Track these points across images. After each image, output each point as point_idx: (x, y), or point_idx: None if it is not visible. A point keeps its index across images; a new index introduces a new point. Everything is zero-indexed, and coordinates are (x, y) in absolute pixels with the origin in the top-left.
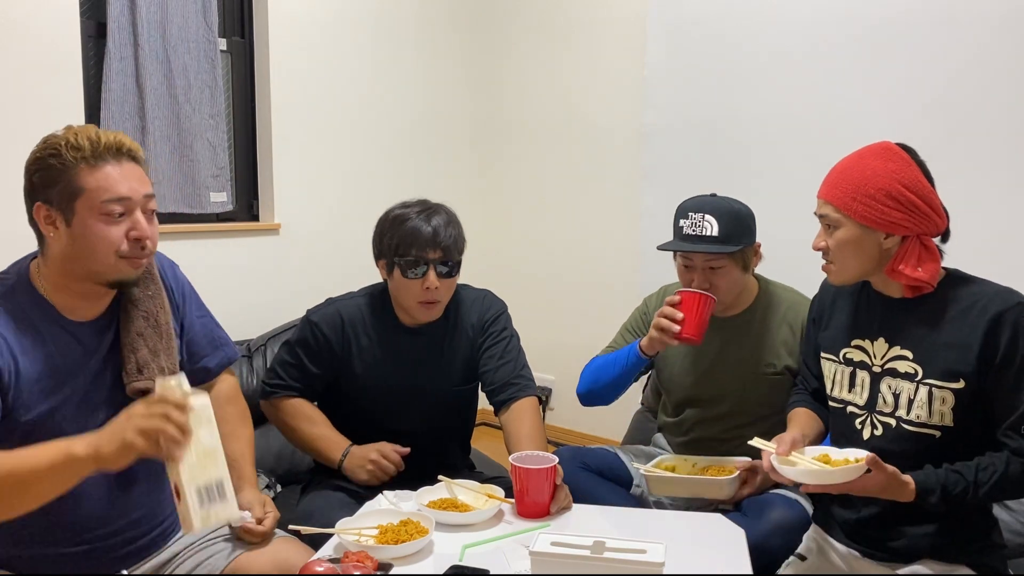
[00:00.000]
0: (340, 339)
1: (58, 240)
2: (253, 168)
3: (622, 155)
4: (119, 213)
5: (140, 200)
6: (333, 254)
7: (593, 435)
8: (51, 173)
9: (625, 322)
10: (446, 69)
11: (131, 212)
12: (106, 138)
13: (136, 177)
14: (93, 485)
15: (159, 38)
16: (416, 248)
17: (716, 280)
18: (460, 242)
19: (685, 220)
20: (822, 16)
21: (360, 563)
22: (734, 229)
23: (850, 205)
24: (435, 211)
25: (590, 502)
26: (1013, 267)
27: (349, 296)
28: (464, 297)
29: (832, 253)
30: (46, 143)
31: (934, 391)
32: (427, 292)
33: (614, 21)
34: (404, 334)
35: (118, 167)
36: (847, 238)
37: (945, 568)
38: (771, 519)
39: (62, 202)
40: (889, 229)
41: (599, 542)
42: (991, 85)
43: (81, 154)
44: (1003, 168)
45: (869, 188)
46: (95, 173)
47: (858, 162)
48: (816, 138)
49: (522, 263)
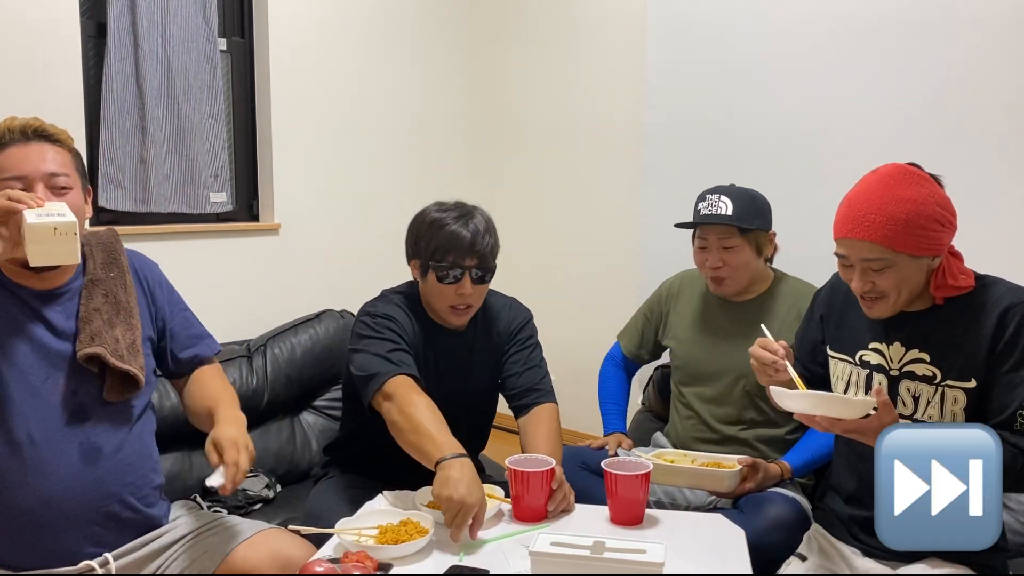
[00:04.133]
0: (409, 329)
1: None
2: (253, 168)
3: (622, 155)
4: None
5: (41, 176)
6: (333, 254)
7: (593, 435)
8: None
9: (642, 306)
10: (446, 69)
11: (31, 190)
12: (19, 122)
13: (39, 156)
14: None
15: (159, 38)
16: (453, 255)
17: (729, 259)
18: (496, 249)
19: (702, 202)
20: (822, 15)
21: (360, 563)
22: (748, 210)
23: (902, 241)
24: (472, 216)
25: (590, 502)
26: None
27: (392, 293)
28: (492, 302)
29: (885, 290)
30: None
31: (946, 391)
32: (460, 297)
33: (614, 20)
34: (439, 334)
35: (24, 147)
36: (905, 274)
37: (946, 568)
38: (769, 516)
39: None
40: (937, 251)
41: (599, 542)
42: (992, 85)
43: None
44: (1004, 168)
45: (919, 219)
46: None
47: (889, 195)
48: (816, 137)
49: (522, 263)
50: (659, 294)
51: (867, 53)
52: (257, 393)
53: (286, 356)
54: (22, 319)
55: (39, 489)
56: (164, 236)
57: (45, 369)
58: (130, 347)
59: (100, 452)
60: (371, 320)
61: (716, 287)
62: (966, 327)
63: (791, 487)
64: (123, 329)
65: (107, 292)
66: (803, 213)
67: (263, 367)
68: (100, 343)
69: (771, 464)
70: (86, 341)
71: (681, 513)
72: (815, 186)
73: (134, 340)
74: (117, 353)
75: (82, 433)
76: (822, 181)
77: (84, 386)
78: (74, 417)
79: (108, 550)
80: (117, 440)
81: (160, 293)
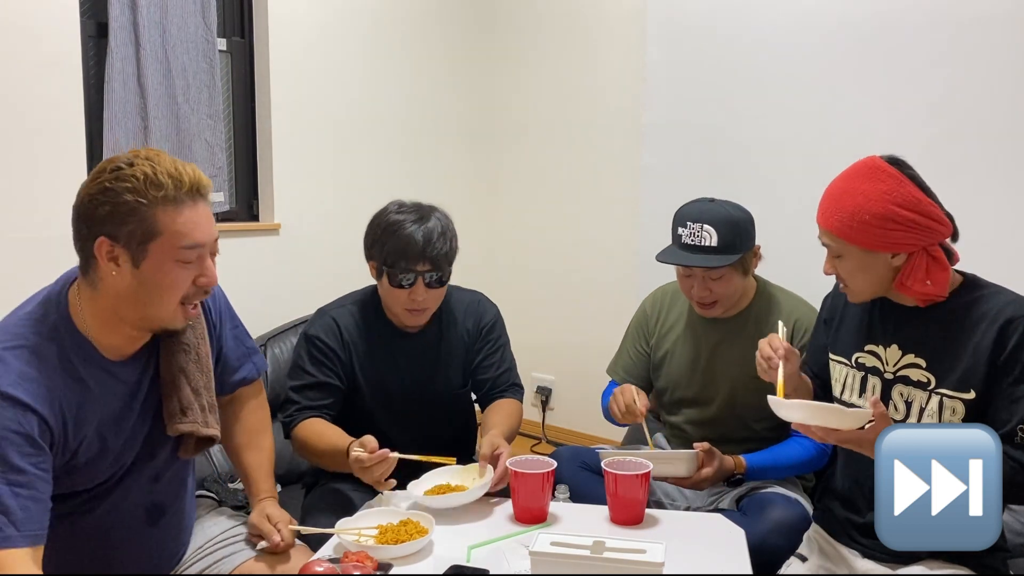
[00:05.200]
0: (342, 345)
1: (119, 279)
2: (252, 168)
3: (621, 155)
4: (191, 260)
5: (211, 244)
6: (333, 254)
7: (593, 435)
8: (124, 209)
9: (627, 330)
10: (445, 69)
11: (202, 257)
12: (187, 176)
13: (209, 219)
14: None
15: (159, 38)
16: (405, 260)
17: (717, 288)
18: (451, 253)
19: (684, 229)
20: (822, 16)
21: (360, 563)
22: (733, 238)
23: (848, 233)
24: (428, 218)
25: (590, 502)
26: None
27: (339, 304)
28: (456, 300)
29: (843, 278)
30: (117, 174)
31: (945, 401)
32: (414, 302)
33: (613, 21)
34: (398, 337)
35: (195, 209)
36: (854, 264)
37: (945, 569)
38: (771, 518)
39: (133, 242)
40: (893, 249)
41: (599, 542)
42: (992, 86)
43: (163, 193)
44: (1004, 168)
45: (863, 215)
46: (174, 215)
47: (847, 187)
48: (816, 138)
49: (521, 263)
50: (639, 319)
51: (867, 53)
52: None
53: (286, 356)
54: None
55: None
56: None
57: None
58: (211, 406)
59: (164, 512)
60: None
61: (704, 311)
62: (966, 336)
63: (793, 487)
64: (206, 393)
65: (188, 346)
66: (803, 212)
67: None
68: (192, 416)
69: (726, 456)
70: (177, 415)
71: (681, 513)
72: (815, 185)
73: (212, 399)
74: (205, 422)
75: (151, 494)
76: (822, 181)
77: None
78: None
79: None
80: (178, 496)
81: (220, 323)
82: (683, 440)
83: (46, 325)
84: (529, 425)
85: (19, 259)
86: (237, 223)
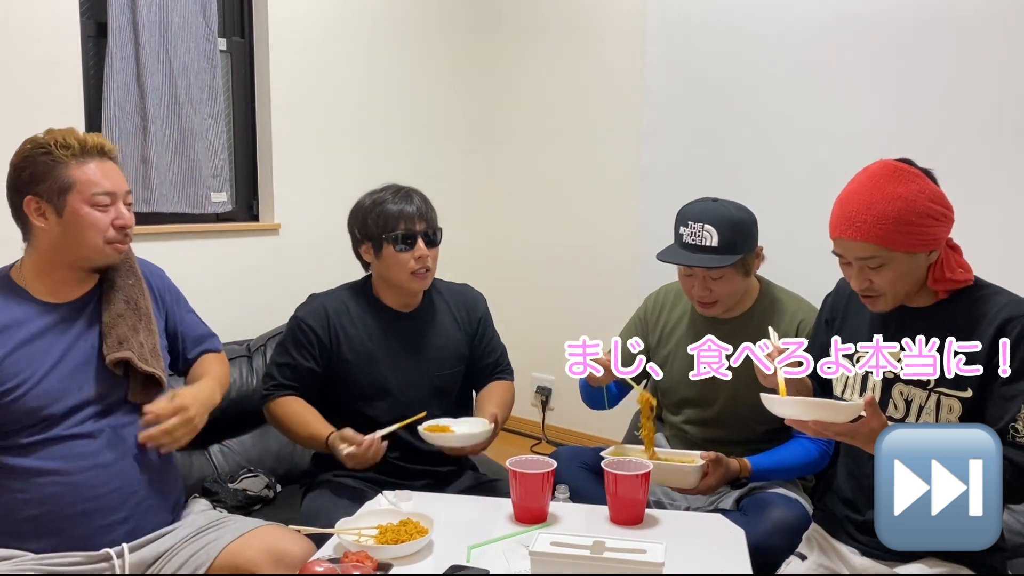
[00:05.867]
0: (327, 330)
1: (48, 231)
2: (253, 168)
3: (622, 155)
4: (106, 204)
5: (122, 194)
6: (333, 254)
7: (593, 435)
8: (42, 168)
9: (627, 324)
10: (446, 69)
11: (115, 203)
12: (91, 140)
13: (117, 173)
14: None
15: (159, 38)
16: (404, 222)
17: (717, 288)
18: (436, 215)
19: (685, 228)
20: (823, 16)
21: (360, 563)
22: (734, 238)
23: (894, 239)
24: (409, 191)
25: (590, 502)
26: (1013, 267)
27: (330, 291)
28: (444, 286)
29: (882, 288)
30: (35, 142)
31: (942, 399)
32: (420, 261)
33: (614, 21)
34: (390, 319)
35: (102, 164)
36: (897, 271)
37: (945, 568)
38: (771, 519)
39: (52, 195)
40: (933, 246)
41: (599, 542)
42: (992, 86)
43: (71, 152)
44: (1004, 168)
45: (909, 216)
46: (83, 168)
47: (879, 195)
48: (817, 138)
49: (522, 263)
50: (639, 315)
51: (866, 52)
52: (257, 393)
53: None
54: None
55: (68, 476)
56: (165, 236)
57: (75, 375)
58: (152, 351)
59: (125, 444)
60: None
61: (704, 310)
62: (964, 334)
63: (793, 487)
64: (145, 334)
65: (128, 299)
66: (804, 212)
67: (263, 367)
68: (128, 347)
69: (731, 460)
70: (114, 346)
71: (681, 513)
72: (815, 185)
73: (155, 344)
74: (143, 357)
75: (109, 429)
76: (823, 181)
77: (111, 389)
78: (102, 415)
79: (130, 538)
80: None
81: (169, 299)
82: (684, 440)
83: None
84: (529, 425)
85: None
86: (237, 223)
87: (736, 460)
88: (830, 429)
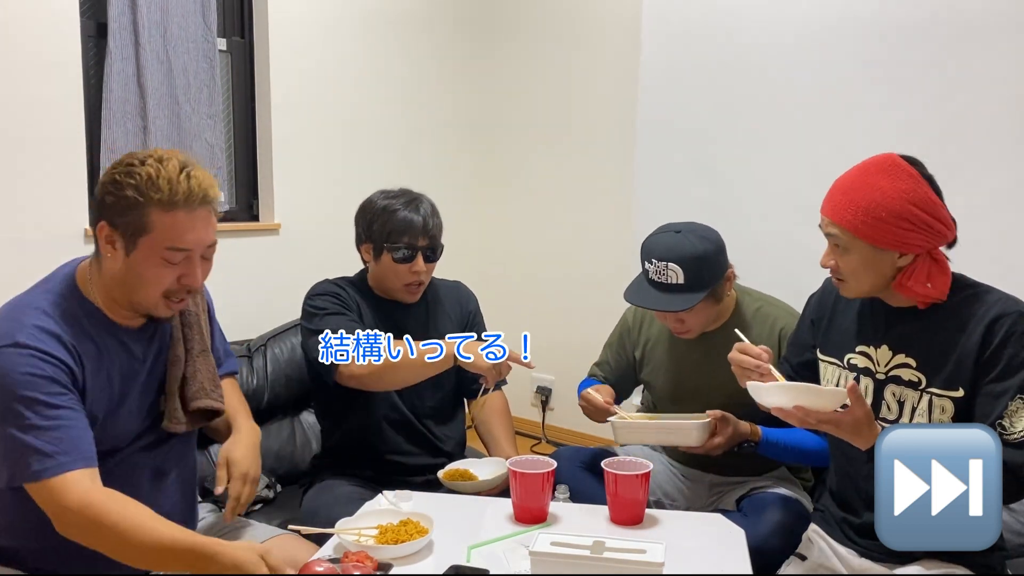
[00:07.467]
0: (351, 299)
1: (113, 262)
2: (253, 168)
3: (617, 155)
4: (177, 260)
5: (202, 248)
6: (333, 254)
7: (593, 435)
8: (124, 202)
9: (611, 334)
10: (444, 69)
11: (190, 259)
12: (183, 186)
13: (206, 225)
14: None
15: (159, 38)
16: (408, 236)
17: (689, 319)
18: (442, 230)
19: (650, 265)
20: (818, 16)
21: (360, 563)
22: (699, 274)
23: (860, 228)
24: (420, 201)
25: (590, 502)
26: (1013, 267)
27: (322, 283)
28: (439, 282)
29: (843, 272)
30: (128, 169)
31: (934, 400)
32: (415, 275)
33: (609, 21)
34: (389, 310)
35: (191, 215)
36: (859, 260)
37: (943, 568)
38: (771, 519)
39: (127, 232)
40: (902, 249)
41: (599, 542)
42: (990, 87)
43: (159, 196)
44: (1003, 168)
45: (880, 211)
46: (165, 217)
47: (865, 181)
48: (812, 138)
49: (520, 264)
50: (621, 328)
51: (861, 53)
52: (257, 393)
53: (286, 356)
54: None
55: None
56: None
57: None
58: (212, 380)
59: (167, 478)
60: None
61: (680, 336)
62: (955, 335)
63: (793, 487)
64: (203, 362)
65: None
66: (798, 214)
67: (263, 367)
68: (207, 395)
69: (741, 421)
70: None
71: (681, 513)
72: (809, 187)
73: (213, 373)
74: (214, 395)
75: (154, 457)
76: (815, 181)
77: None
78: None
79: None
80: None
81: (212, 310)
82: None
83: (53, 293)
84: (529, 425)
85: (19, 258)
86: (237, 223)
87: (747, 423)
88: (812, 416)
